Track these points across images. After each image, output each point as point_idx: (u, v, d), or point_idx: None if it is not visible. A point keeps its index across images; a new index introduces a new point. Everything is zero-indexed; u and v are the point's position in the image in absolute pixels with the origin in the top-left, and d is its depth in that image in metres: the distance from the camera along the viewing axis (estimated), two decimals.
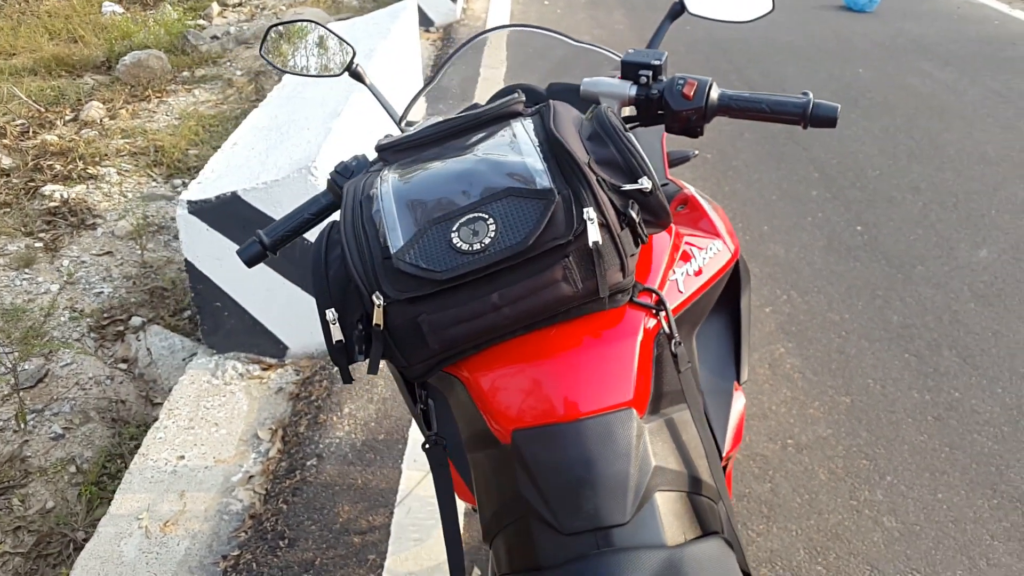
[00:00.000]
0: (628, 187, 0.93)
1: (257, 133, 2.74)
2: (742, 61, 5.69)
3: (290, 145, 2.56)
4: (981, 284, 3.03)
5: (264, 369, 2.58)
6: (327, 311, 0.97)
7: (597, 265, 0.89)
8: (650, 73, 1.22)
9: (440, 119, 1.26)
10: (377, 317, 0.90)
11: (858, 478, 2.16)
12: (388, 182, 1.00)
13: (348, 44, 1.47)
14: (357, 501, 2.06)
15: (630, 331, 0.94)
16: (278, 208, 2.39)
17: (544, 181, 0.92)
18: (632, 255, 0.92)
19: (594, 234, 0.88)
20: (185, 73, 5.51)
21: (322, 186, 2.47)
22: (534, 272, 0.89)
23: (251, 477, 2.19)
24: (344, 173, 1.20)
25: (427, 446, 1.00)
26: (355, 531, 1.98)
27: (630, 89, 1.24)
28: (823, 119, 1.15)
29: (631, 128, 1.28)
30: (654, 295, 0.97)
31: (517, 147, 0.99)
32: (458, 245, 0.89)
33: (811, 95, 1.16)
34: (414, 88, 3.93)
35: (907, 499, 2.11)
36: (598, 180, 0.91)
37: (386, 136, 1.23)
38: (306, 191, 2.37)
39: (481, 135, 1.08)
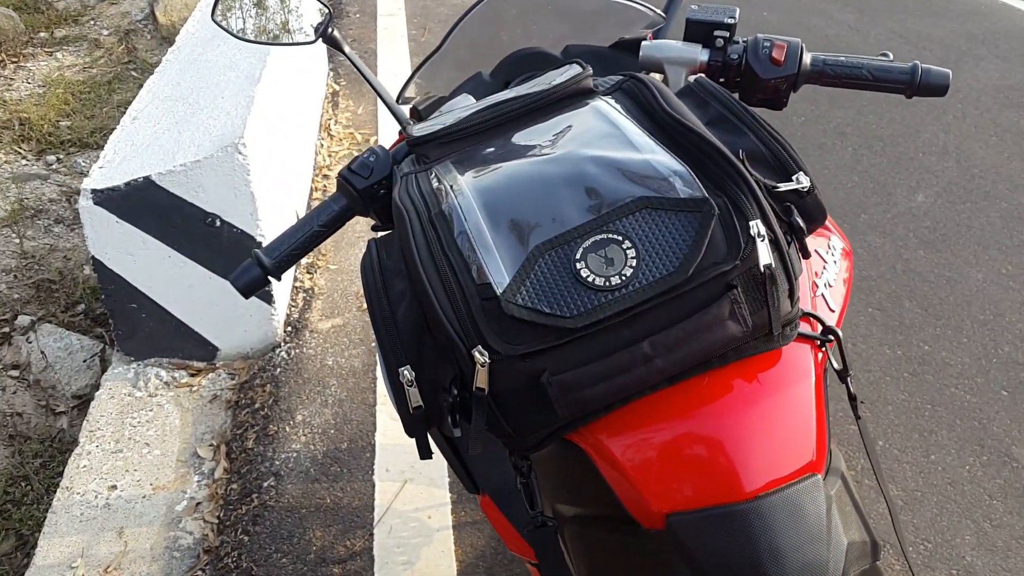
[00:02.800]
0: (784, 187, 0.74)
1: (160, 105, 2.38)
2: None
3: (205, 118, 2.23)
4: (925, 230, 3.02)
5: (192, 375, 2.28)
6: (402, 370, 0.74)
7: (769, 294, 0.70)
8: (726, 34, 1.03)
9: (475, 102, 1.03)
10: (480, 379, 0.69)
11: (850, 445, 2.09)
12: (465, 191, 0.78)
13: (323, 3, 1.20)
14: (330, 524, 1.82)
15: (802, 372, 0.76)
16: (202, 194, 2.08)
17: (689, 187, 0.72)
18: (800, 275, 0.73)
19: (765, 255, 0.69)
20: (43, 34, 4.91)
21: (257, 168, 2.16)
22: (693, 309, 0.69)
23: (198, 504, 1.92)
24: (363, 172, 0.96)
25: (531, 528, 0.79)
26: (333, 560, 1.75)
27: (702, 54, 1.04)
28: (933, 87, 0.99)
29: None
30: (817, 322, 0.79)
31: (624, 138, 0.79)
32: (588, 278, 0.69)
33: (918, 61, 1.00)
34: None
35: (903, 464, 2.05)
36: (757, 182, 0.72)
37: (414, 123, 0.99)
38: (235, 173, 2.07)
39: (555, 121, 0.87)
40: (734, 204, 0.71)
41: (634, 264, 0.69)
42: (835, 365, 0.80)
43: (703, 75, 0.90)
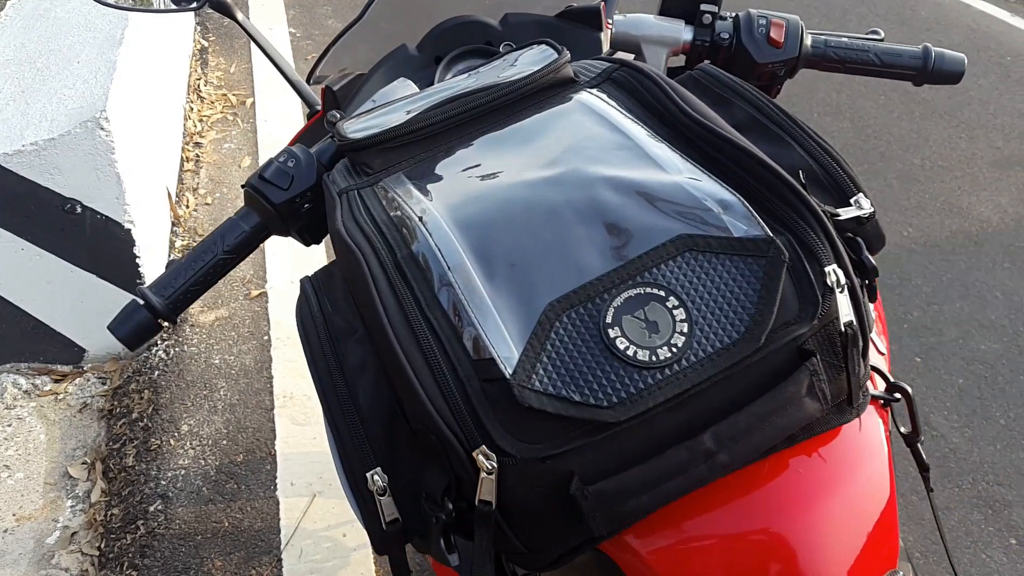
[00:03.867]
0: (846, 214, 0.61)
1: (1, 70, 2.05)
2: None
3: (58, 87, 1.93)
4: None
5: (57, 381, 2.01)
6: (371, 474, 0.58)
7: (850, 358, 0.57)
8: (714, 8, 0.89)
9: (419, 91, 0.85)
10: (486, 490, 0.53)
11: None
12: (439, 222, 0.62)
13: None
14: (230, 551, 1.63)
15: (875, 445, 0.64)
16: (59, 177, 1.79)
17: (744, 221, 0.58)
18: (873, 328, 0.61)
19: (846, 309, 0.56)
20: None
21: (123, 144, 1.89)
22: (762, 385, 0.56)
23: (73, 534, 1.69)
24: (279, 182, 0.78)
25: None
26: None
27: (685, 32, 0.90)
28: (946, 74, 0.89)
29: None
30: (879, 376, 0.67)
31: (638, 150, 0.65)
32: (627, 351, 0.54)
33: (928, 44, 0.89)
34: None
35: None
36: (825, 213, 0.59)
37: (338, 116, 0.81)
38: (97, 152, 1.80)
39: (536, 123, 0.72)
40: (802, 244, 0.57)
41: (685, 329, 0.54)
42: (900, 428, 0.69)
43: (707, 62, 0.76)
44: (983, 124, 3.34)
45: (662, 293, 0.56)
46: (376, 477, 0.58)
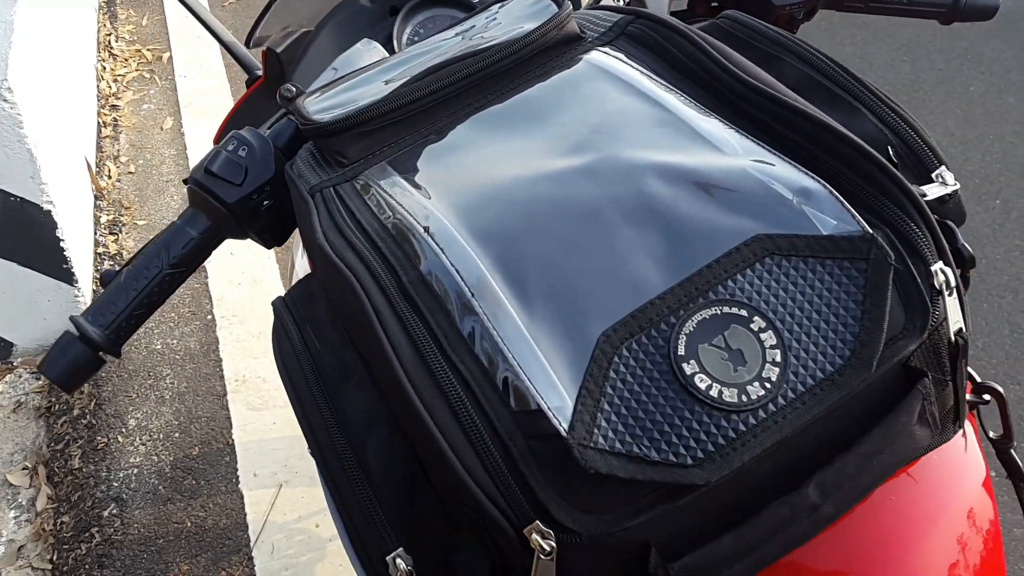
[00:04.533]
0: (932, 192, 0.52)
1: None
2: None
3: None
4: None
5: None
6: (392, 557, 0.48)
7: (959, 371, 0.49)
8: None
9: (388, 55, 0.73)
10: (542, 573, 0.44)
11: None
12: (450, 232, 0.52)
13: None
14: (196, 554, 1.53)
15: (973, 460, 0.57)
16: None
17: (834, 214, 0.48)
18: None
19: (956, 314, 0.48)
20: None
21: (31, 115, 1.71)
22: (867, 417, 0.47)
23: (20, 548, 1.56)
24: (231, 176, 0.67)
25: None
26: None
27: None
28: (978, 9, 0.81)
29: None
30: (974, 383, 0.59)
31: (683, 125, 0.54)
32: (710, 391, 0.44)
33: None
34: None
35: None
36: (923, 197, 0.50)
37: (295, 91, 0.67)
38: (2, 126, 1.61)
39: (543, 91, 0.61)
40: (902, 239, 0.48)
41: (778, 358, 0.45)
42: (989, 432, 0.62)
43: (734, 10, 0.65)
44: (923, 45, 3.32)
45: (744, 312, 0.46)
46: (399, 560, 0.48)
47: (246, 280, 2.07)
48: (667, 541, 0.45)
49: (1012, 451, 0.60)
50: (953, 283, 0.48)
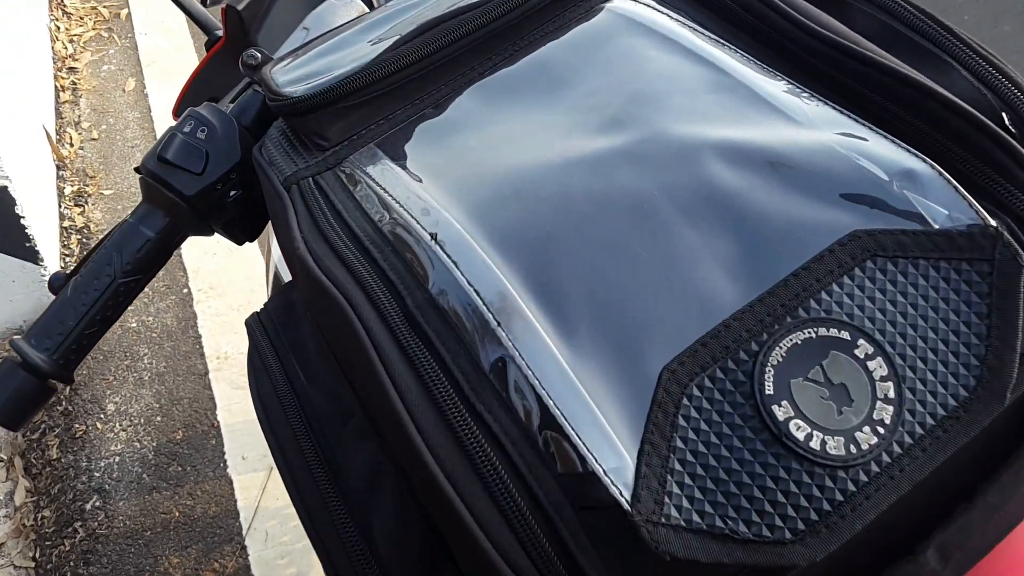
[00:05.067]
0: None
1: None
2: None
3: None
4: None
5: None
6: None
7: None
8: None
9: (369, 11, 0.63)
10: None
11: None
12: (467, 238, 0.42)
13: None
14: (187, 545, 1.47)
15: None
16: None
17: (945, 202, 0.39)
18: None
19: None
20: None
21: None
22: (985, 455, 0.38)
23: (0, 545, 1.49)
24: (190, 164, 0.57)
25: None
26: None
27: None
28: None
29: None
30: None
31: (743, 88, 0.45)
32: (809, 441, 0.35)
33: None
34: None
35: None
36: None
37: (259, 56, 0.57)
38: None
39: (557, 49, 0.52)
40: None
41: (891, 393, 0.36)
42: None
43: None
44: None
45: (846, 335, 0.37)
46: None
47: (222, 250, 1.97)
48: None
49: None
50: None
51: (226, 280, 1.91)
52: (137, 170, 0.59)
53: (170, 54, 2.55)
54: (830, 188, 0.40)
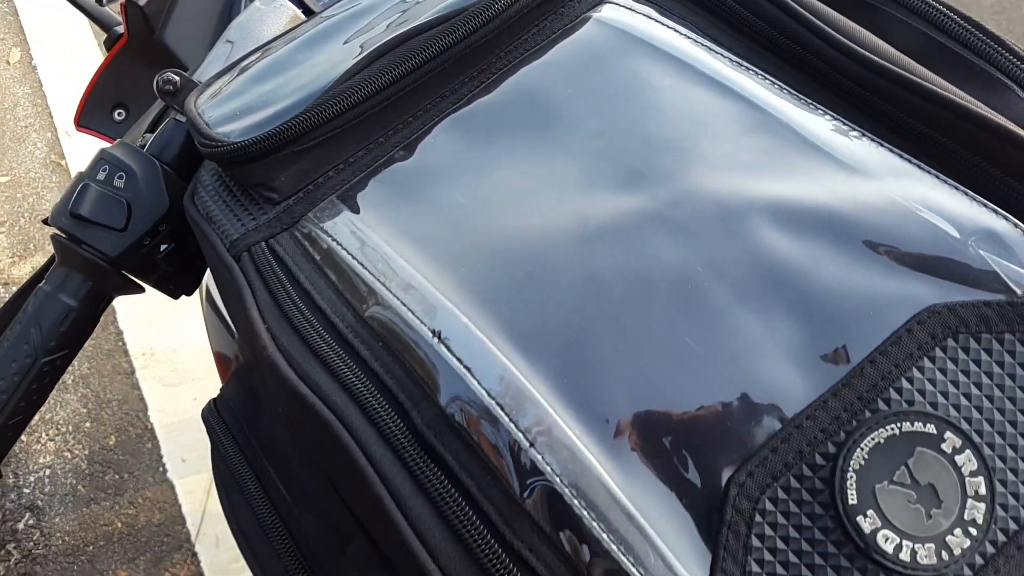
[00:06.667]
0: None
1: None
2: None
3: None
4: None
5: None
6: None
7: None
8: None
9: (306, 19, 0.57)
10: None
11: None
12: (483, 340, 0.37)
13: None
14: (134, 556, 1.42)
15: None
16: None
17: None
18: None
19: None
20: None
21: None
22: None
23: None
24: (110, 220, 0.50)
25: None
26: None
27: None
28: None
29: None
30: None
31: (784, 127, 0.40)
32: (899, 554, 0.32)
33: None
34: None
35: None
36: None
37: (177, 80, 0.49)
38: None
39: (547, 69, 0.45)
40: None
41: (982, 489, 0.33)
42: None
43: None
44: None
45: (932, 429, 0.33)
46: None
47: None
48: None
49: None
50: None
51: None
52: (45, 222, 0.53)
53: (57, 22, 2.37)
54: (900, 254, 0.36)
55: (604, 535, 0.34)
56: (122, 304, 1.75)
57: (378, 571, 0.38)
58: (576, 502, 0.34)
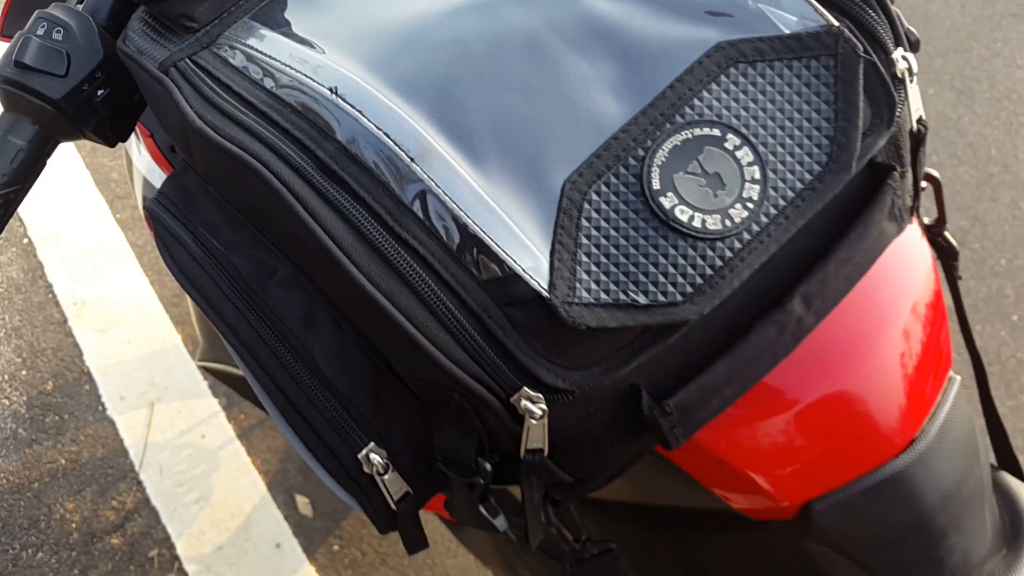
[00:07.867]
0: None
1: None
2: None
3: None
4: None
5: None
6: (364, 454, 0.47)
7: (919, 160, 0.51)
8: None
9: None
10: (535, 437, 0.44)
11: None
12: (369, 88, 0.46)
13: None
14: (79, 489, 1.46)
15: (920, 249, 0.57)
16: None
17: (793, 10, 0.46)
18: None
19: (917, 101, 0.49)
20: None
21: None
22: (837, 217, 0.48)
23: None
24: (52, 67, 0.55)
25: (574, 563, 0.60)
26: (105, 530, 1.42)
27: None
28: None
29: None
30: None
31: None
32: (692, 221, 0.43)
33: None
34: None
35: None
36: None
37: None
38: None
39: None
40: (861, 28, 0.47)
41: (757, 175, 0.44)
42: (924, 218, 0.62)
43: None
44: None
45: (716, 132, 0.44)
46: (372, 456, 0.46)
47: (57, 196, 1.89)
48: (658, 382, 0.46)
49: (946, 232, 0.63)
50: (915, 69, 0.48)
51: (68, 226, 1.84)
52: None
53: None
54: (696, 8, 0.47)
55: (470, 221, 0.43)
56: (50, 258, 1.78)
57: (297, 287, 0.47)
58: (448, 199, 0.44)
